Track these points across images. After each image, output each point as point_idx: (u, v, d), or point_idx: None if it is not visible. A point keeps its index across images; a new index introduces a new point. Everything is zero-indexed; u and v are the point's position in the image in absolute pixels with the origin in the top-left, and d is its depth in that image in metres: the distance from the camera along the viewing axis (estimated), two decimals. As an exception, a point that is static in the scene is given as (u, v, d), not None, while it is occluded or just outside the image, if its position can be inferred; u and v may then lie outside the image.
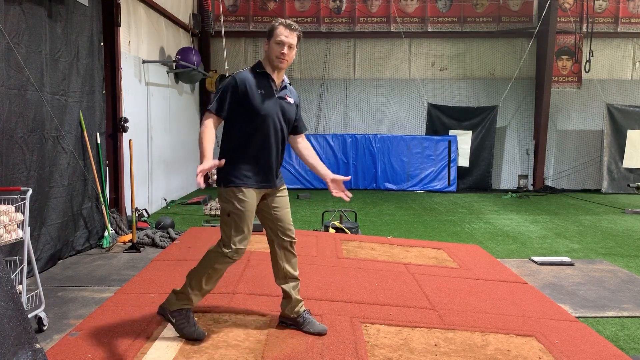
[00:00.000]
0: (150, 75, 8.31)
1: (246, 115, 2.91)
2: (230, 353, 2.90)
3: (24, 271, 3.32)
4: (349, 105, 12.30)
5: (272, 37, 2.93)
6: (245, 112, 2.90)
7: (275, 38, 2.92)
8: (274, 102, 2.97)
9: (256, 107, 2.89)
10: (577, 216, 8.43)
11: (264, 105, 2.91)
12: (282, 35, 2.90)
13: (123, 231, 6.31)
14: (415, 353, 2.98)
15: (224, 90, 2.91)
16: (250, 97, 2.89)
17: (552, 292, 4.35)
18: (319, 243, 5.49)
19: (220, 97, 2.91)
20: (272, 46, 2.94)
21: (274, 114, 2.95)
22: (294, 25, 2.96)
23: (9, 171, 4.32)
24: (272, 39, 2.94)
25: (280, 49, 2.91)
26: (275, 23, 2.96)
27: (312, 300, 3.69)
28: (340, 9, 11.98)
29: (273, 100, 2.96)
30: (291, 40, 2.92)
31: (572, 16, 11.70)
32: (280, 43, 2.90)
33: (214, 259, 2.99)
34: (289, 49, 2.93)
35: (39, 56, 4.81)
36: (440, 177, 11.57)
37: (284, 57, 2.92)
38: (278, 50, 2.91)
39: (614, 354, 3.06)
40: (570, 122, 12.19)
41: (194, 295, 3.01)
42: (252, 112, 2.90)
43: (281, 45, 2.91)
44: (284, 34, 2.90)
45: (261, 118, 2.91)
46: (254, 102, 2.89)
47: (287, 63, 2.97)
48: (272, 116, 2.94)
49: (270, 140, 2.96)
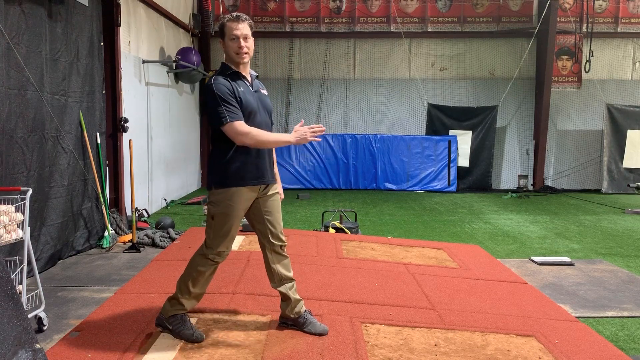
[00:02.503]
0: (150, 75, 8.31)
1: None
2: (230, 353, 2.90)
3: (24, 271, 3.32)
4: (349, 105, 12.30)
5: (225, 36, 2.91)
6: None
7: (228, 35, 2.90)
8: (254, 97, 2.97)
9: (243, 105, 2.87)
10: (577, 216, 8.43)
11: (247, 103, 2.90)
12: (234, 30, 2.88)
13: (123, 231, 6.31)
14: (415, 353, 2.98)
15: (223, 94, 2.82)
16: (237, 96, 2.87)
17: (552, 292, 4.35)
18: (319, 243, 5.49)
19: (226, 103, 2.82)
20: (228, 44, 2.91)
21: (257, 109, 2.96)
22: (241, 15, 2.93)
23: (9, 171, 4.32)
24: (225, 38, 2.92)
25: (237, 44, 2.89)
26: (223, 21, 2.93)
27: (312, 300, 3.70)
28: (340, 9, 11.98)
29: (252, 95, 2.97)
30: (244, 30, 2.89)
31: (572, 16, 11.70)
32: (234, 38, 2.89)
33: (197, 261, 3.01)
34: (245, 40, 2.90)
35: (39, 56, 4.81)
36: (440, 177, 11.57)
37: (242, 50, 2.89)
38: (235, 46, 2.89)
39: (614, 354, 3.06)
40: (570, 122, 12.19)
41: (185, 299, 3.02)
42: (244, 110, 2.87)
43: (236, 40, 2.89)
44: (234, 28, 2.88)
45: (247, 115, 2.89)
46: (240, 101, 2.87)
47: (249, 55, 2.94)
48: (256, 111, 2.95)
49: None
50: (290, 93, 12.22)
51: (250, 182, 2.94)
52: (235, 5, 11.90)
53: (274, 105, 11.48)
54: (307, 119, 12.19)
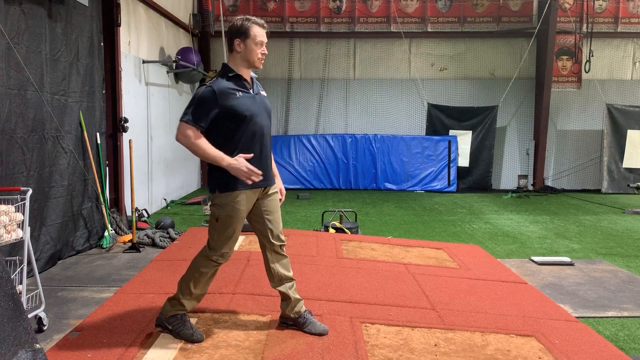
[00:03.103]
0: (150, 75, 8.31)
1: (235, 121, 2.88)
2: (230, 353, 2.91)
3: (24, 271, 3.32)
4: (349, 105, 12.30)
5: (250, 38, 2.90)
6: (233, 117, 2.87)
7: (254, 39, 2.90)
8: (254, 100, 2.97)
9: (242, 111, 2.87)
10: (577, 216, 8.43)
11: (248, 107, 2.90)
12: (261, 36, 2.91)
13: (123, 231, 6.31)
14: (415, 353, 2.98)
15: (202, 100, 2.82)
16: (234, 103, 2.86)
17: (552, 292, 4.35)
18: (319, 243, 5.49)
19: (198, 108, 2.81)
20: (250, 47, 2.90)
21: (257, 112, 2.96)
22: (265, 23, 2.98)
23: (9, 171, 4.32)
24: (249, 40, 2.90)
25: (262, 50, 2.92)
26: (248, 23, 2.91)
27: (312, 300, 3.70)
28: (340, 9, 11.98)
29: (252, 98, 2.97)
30: (266, 38, 2.95)
31: (572, 16, 11.70)
32: (260, 43, 2.91)
33: (200, 262, 3.02)
34: (265, 47, 2.96)
35: (39, 56, 4.81)
36: (440, 177, 11.57)
37: (264, 56, 2.95)
38: (259, 51, 2.92)
39: (614, 354, 3.06)
40: (570, 122, 12.19)
41: (186, 300, 3.03)
42: (239, 116, 2.87)
43: (261, 46, 2.92)
44: (261, 34, 2.91)
45: (248, 119, 2.89)
46: (239, 106, 2.87)
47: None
48: (257, 114, 2.95)
49: (261, 137, 2.97)
50: (290, 93, 12.22)
51: (253, 185, 2.95)
52: (236, 5, 11.90)
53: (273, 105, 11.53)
54: (307, 119, 12.21)
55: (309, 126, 12.20)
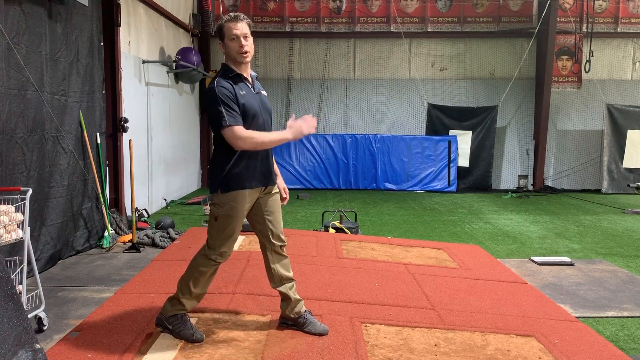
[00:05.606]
0: (150, 75, 8.31)
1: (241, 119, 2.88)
2: (230, 353, 2.91)
3: (24, 271, 3.32)
4: (349, 105, 12.30)
5: (225, 37, 2.90)
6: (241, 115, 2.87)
7: (228, 36, 2.88)
8: (256, 99, 2.96)
9: (245, 109, 2.86)
10: (577, 216, 8.43)
11: (250, 105, 2.89)
12: (233, 30, 2.86)
13: (123, 231, 6.31)
14: (415, 353, 2.98)
15: (225, 97, 2.80)
16: (243, 101, 2.86)
17: (552, 292, 4.35)
18: (319, 243, 5.49)
19: (227, 106, 2.79)
20: (228, 45, 2.89)
21: (259, 111, 2.95)
22: (239, 15, 2.92)
23: (9, 171, 4.32)
24: (225, 39, 2.90)
25: (238, 43, 2.87)
26: (221, 22, 2.91)
27: (312, 300, 3.70)
28: (340, 9, 11.98)
29: (254, 97, 2.96)
30: (243, 30, 2.88)
31: (572, 16, 11.70)
32: (235, 38, 2.87)
33: (199, 262, 3.01)
34: (245, 39, 2.88)
35: (39, 56, 4.81)
36: (440, 177, 11.57)
37: (243, 49, 2.87)
38: (236, 45, 2.87)
39: (614, 354, 3.06)
40: (570, 122, 12.19)
41: (186, 299, 3.02)
42: (246, 114, 2.86)
43: (237, 39, 2.87)
44: (233, 28, 2.86)
45: (251, 118, 2.88)
46: (247, 104, 2.87)
47: (250, 54, 2.92)
48: (259, 113, 2.94)
49: None
50: (290, 93, 12.22)
51: (254, 184, 2.94)
52: (235, 5, 11.90)
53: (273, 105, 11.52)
54: (307, 119, 12.17)
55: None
